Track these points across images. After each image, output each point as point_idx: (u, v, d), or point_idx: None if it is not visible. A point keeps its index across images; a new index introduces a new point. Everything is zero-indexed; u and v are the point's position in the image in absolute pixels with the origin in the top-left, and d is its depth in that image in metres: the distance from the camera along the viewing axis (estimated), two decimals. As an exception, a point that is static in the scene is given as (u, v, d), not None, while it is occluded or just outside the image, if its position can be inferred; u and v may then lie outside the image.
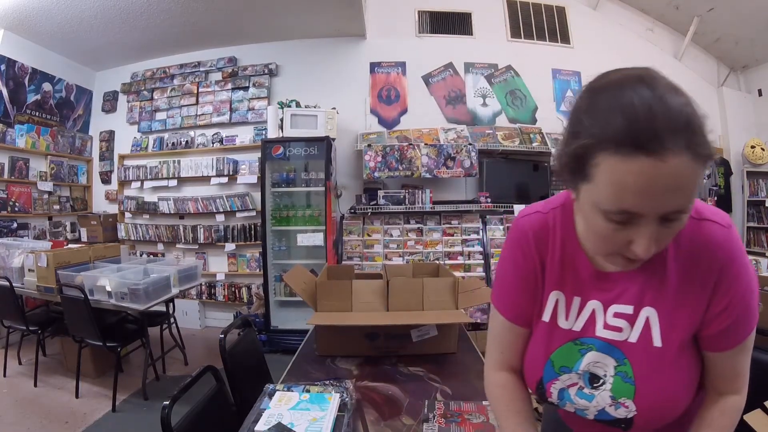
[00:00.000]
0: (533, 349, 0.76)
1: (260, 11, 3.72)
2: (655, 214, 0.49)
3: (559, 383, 0.72)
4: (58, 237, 4.11)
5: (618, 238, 0.53)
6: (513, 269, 0.75)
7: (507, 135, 3.97)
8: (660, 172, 0.45)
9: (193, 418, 1.07)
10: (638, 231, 0.51)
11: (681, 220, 0.51)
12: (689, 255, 0.61)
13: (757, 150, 4.38)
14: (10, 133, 3.80)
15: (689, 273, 0.62)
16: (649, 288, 0.64)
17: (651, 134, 0.45)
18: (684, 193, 0.48)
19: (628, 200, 0.49)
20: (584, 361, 0.69)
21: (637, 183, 0.47)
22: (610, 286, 0.67)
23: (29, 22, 3.67)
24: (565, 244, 0.70)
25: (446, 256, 3.73)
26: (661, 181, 0.46)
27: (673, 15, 4.30)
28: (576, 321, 0.71)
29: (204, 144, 4.35)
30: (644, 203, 0.48)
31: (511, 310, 0.77)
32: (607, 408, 0.68)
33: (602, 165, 0.49)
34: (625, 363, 0.66)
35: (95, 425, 2.33)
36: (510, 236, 0.77)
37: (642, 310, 0.65)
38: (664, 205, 0.48)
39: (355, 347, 1.46)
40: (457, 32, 4.30)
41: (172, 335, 3.25)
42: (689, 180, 0.47)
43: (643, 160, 0.45)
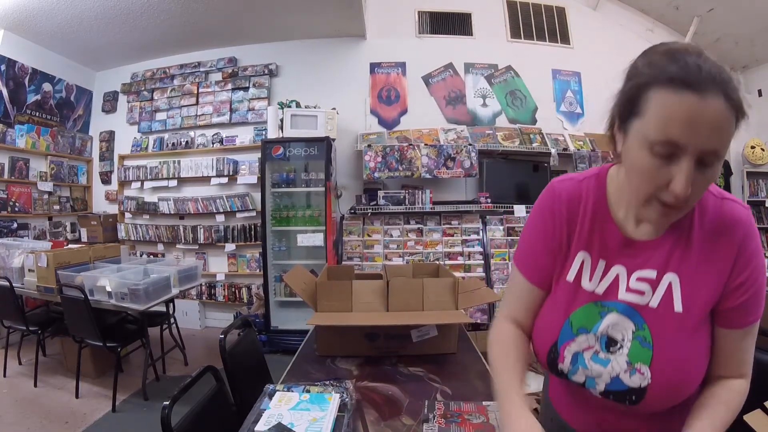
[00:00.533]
0: (551, 309, 0.76)
1: (260, 11, 3.72)
2: (695, 150, 0.54)
3: (575, 346, 0.72)
4: (58, 237, 4.11)
5: (660, 176, 0.57)
6: (541, 230, 0.77)
7: (507, 135, 3.97)
8: (702, 108, 0.53)
9: (193, 418, 1.07)
10: (679, 167, 0.56)
11: (714, 167, 0.56)
12: (713, 227, 0.65)
13: (757, 150, 4.38)
14: (10, 134, 3.80)
15: (712, 244, 0.65)
16: (674, 256, 0.67)
17: (698, 77, 0.53)
18: (720, 135, 0.54)
19: (674, 130, 0.54)
20: (603, 323, 0.70)
21: (683, 115, 0.54)
22: (636, 253, 0.69)
23: (29, 22, 3.67)
24: (596, 211, 0.73)
25: (446, 257, 3.73)
26: (703, 117, 0.53)
27: (673, 15, 4.30)
28: (599, 284, 0.72)
29: (204, 144, 4.35)
30: (688, 134, 0.54)
31: (532, 271, 0.78)
32: (621, 374, 0.67)
33: (654, 98, 0.56)
34: (644, 328, 0.67)
35: (95, 425, 2.33)
36: (541, 198, 0.79)
37: (665, 275, 0.67)
38: (704, 142, 0.54)
39: (355, 347, 1.46)
40: (457, 32, 4.30)
41: (172, 335, 3.25)
42: (724, 123, 0.54)
43: (690, 95, 0.53)
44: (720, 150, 0.55)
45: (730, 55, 4.63)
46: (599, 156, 3.86)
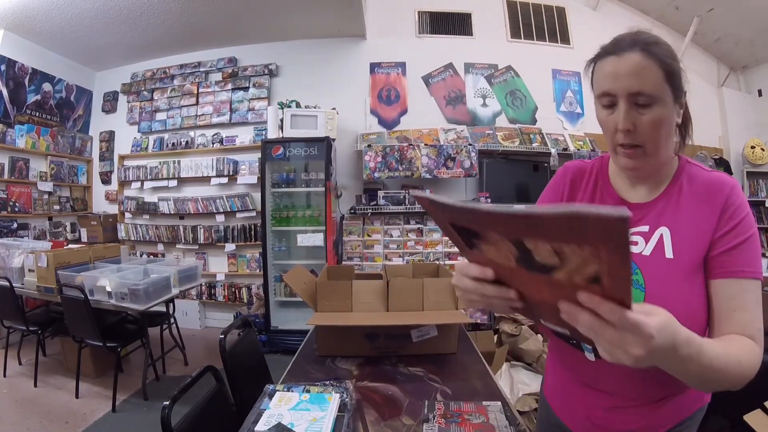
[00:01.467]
0: None
1: (260, 11, 3.72)
2: (623, 93, 0.68)
3: None
4: (58, 237, 4.11)
5: (610, 122, 0.71)
6: (548, 194, 0.92)
7: (507, 135, 3.97)
8: (620, 63, 0.68)
9: (193, 418, 1.07)
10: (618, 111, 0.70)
11: (652, 109, 0.67)
12: (701, 189, 0.74)
13: (757, 150, 4.38)
14: (10, 134, 3.80)
15: (700, 202, 0.73)
16: (665, 213, 0.75)
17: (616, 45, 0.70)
18: (640, 78, 0.67)
19: (604, 83, 0.71)
20: None
21: (607, 71, 0.70)
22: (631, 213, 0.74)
23: (29, 22, 3.67)
24: (597, 181, 0.85)
25: (446, 257, 3.73)
26: (621, 68, 0.68)
27: (673, 15, 4.31)
28: None
29: (204, 144, 4.35)
30: (612, 83, 0.69)
31: None
32: None
33: (595, 70, 0.74)
34: (637, 273, 0.72)
35: (95, 425, 2.33)
36: (554, 175, 0.93)
37: (657, 229, 0.74)
38: (626, 85, 0.67)
39: (355, 347, 1.46)
40: (457, 32, 4.30)
41: (172, 335, 3.25)
42: (641, 68, 0.66)
43: (611, 57, 0.70)
44: (644, 90, 0.66)
45: (730, 55, 4.63)
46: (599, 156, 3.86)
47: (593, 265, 0.38)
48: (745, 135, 4.50)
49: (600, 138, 4.08)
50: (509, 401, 1.12)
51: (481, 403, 1.07)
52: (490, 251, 0.48)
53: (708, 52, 4.64)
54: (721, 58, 4.70)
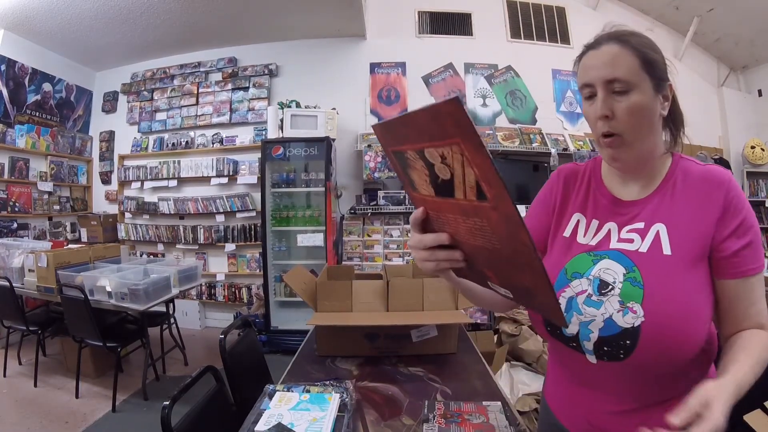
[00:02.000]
0: (548, 261, 0.83)
1: (260, 11, 3.72)
2: (600, 82, 0.70)
3: (569, 291, 0.76)
4: (58, 237, 4.11)
5: (591, 114, 0.73)
6: (541, 197, 0.91)
7: (507, 135, 3.97)
8: (596, 54, 0.72)
9: (193, 418, 1.07)
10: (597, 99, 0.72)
11: (629, 96, 0.69)
12: (697, 183, 0.73)
13: (757, 150, 4.38)
14: (10, 134, 3.80)
15: (697, 195, 0.72)
16: (660, 209, 0.74)
17: (595, 41, 0.74)
18: (613, 65, 0.69)
19: (583, 76, 0.74)
20: (596, 268, 0.75)
21: (585, 64, 0.74)
22: (625, 211, 0.77)
23: (29, 22, 3.67)
24: (591, 180, 0.85)
25: (446, 257, 3.72)
26: (597, 59, 0.71)
27: (673, 15, 4.31)
28: (593, 238, 0.79)
29: (204, 144, 4.35)
30: (590, 74, 0.72)
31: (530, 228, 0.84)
32: (614, 315, 0.69)
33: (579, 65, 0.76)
34: (634, 270, 0.71)
35: (95, 425, 2.33)
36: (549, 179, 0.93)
37: (653, 225, 0.73)
38: (601, 74, 0.70)
39: (355, 347, 1.46)
40: (457, 32, 4.30)
41: (172, 335, 3.25)
42: (616, 56, 0.69)
43: (590, 52, 0.74)
44: (618, 76, 0.68)
45: (730, 56, 4.63)
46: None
47: (469, 170, 0.43)
48: (745, 135, 4.50)
49: (600, 138, 4.07)
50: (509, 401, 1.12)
51: (481, 403, 1.07)
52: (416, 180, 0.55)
53: (708, 52, 4.65)
54: (721, 58, 4.70)
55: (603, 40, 0.72)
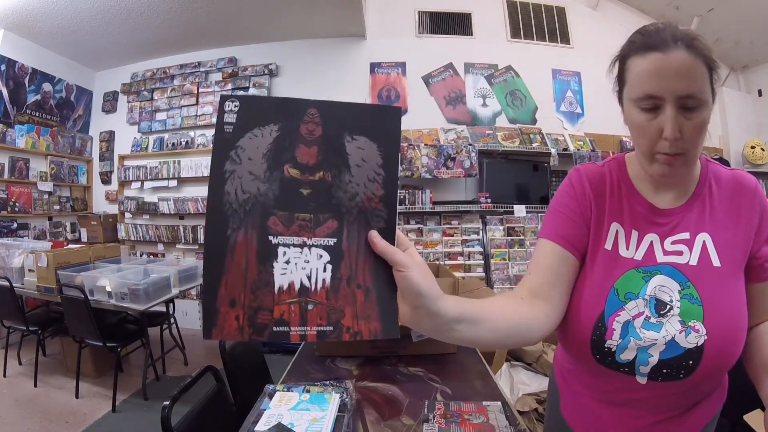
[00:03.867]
0: (594, 280, 0.73)
1: (260, 11, 3.72)
2: (672, 96, 0.62)
3: (624, 314, 0.69)
4: (58, 237, 4.11)
5: (651, 128, 0.65)
6: (571, 201, 0.78)
7: (507, 135, 3.97)
8: (665, 61, 0.62)
9: (193, 418, 1.07)
10: (665, 116, 0.63)
11: (700, 112, 0.63)
12: (730, 190, 0.72)
13: (757, 150, 4.38)
14: (10, 134, 3.80)
15: (733, 204, 0.71)
16: (700, 218, 0.71)
17: (658, 39, 0.63)
18: (689, 79, 0.61)
19: (648, 85, 0.63)
20: (650, 286, 0.70)
21: (651, 70, 0.63)
22: (665, 221, 0.73)
23: (29, 22, 3.66)
24: (621, 186, 0.77)
25: (446, 257, 3.73)
26: (667, 67, 0.62)
27: (673, 15, 4.30)
28: (636, 251, 0.73)
29: (204, 144, 4.35)
30: (659, 85, 0.62)
31: (558, 232, 0.76)
32: (677, 336, 0.66)
33: (631, 66, 0.67)
34: (688, 285, 0.68)
35: (95, 425, 2.33)
36: (568, 178, 0.82)
37: (698, 235, 0.70)
38: (675, 87, 0.61)
39: (355, 347, 1.46)
40: (457, 32, 4.30)
41: (172, 335, 3.25)
42: (690, 68, 0.61)
43: (654, 54, 0.63)
44: (694, 92, 0.61)
45: (730, 55, 4.63)
46: (599, 156, 3.86)
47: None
48: (745, 135, 4.50)
49: (600, 138, 4.08)
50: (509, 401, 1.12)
51: (481, 403, 1.07)
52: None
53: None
54: (721, 58, 4.69)
55: (669, 40, 0.62)
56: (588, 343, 0.70)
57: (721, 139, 4.56)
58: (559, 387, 0.89)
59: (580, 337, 0.71)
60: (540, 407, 1.94)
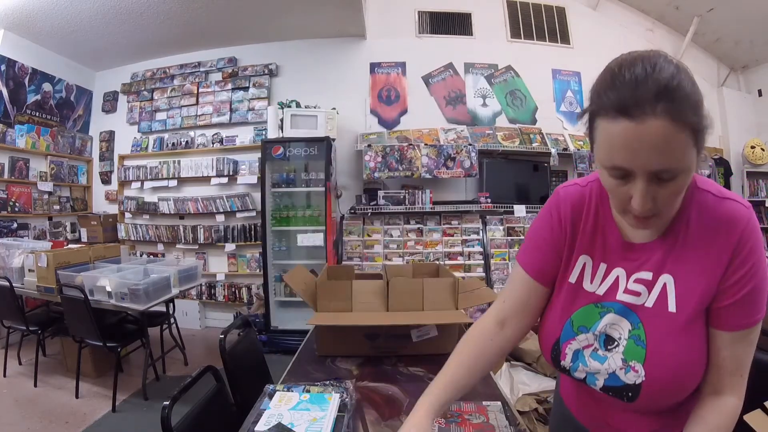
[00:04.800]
0: (555, 308, 0.79)
1: (260, 11, 3.72)
2: (644, 171, 0.55)
3: (575, 344, 0.75)
4: (58, 237, 4.11)
5: (621, 194, 0.60)
6: (547, 231, 0.80)
7: (507, 135, 3.97)
8: (639, 133, 0.53)
9: (193, 418, 1.07)
10: (634, 187, 0.58)
11: (676, 180, 0.56)
12: (710, 226, 0.65)
13: (757, 150, 4.38)
14: (10, 133, 3.80)
15: (709, 243, 0.65)
16: (669, 257, 0.68)
17: (633, 101, 0.53)
18: (667, 154, 0.54)
19: (617, 157, 0.57)
20: (602, 323, 0.72)
21: (620, 142, 0.55)
22: (635, 256, 0.71)
23: (29, 22, 3.67)
24: (598, 214, 0.76)
25: (446, 257, 3.73)
26: (641, 141, 0.53)
27: (673, 15, 4.31)
28: (600, 285, 0.74)
29: (204, 144, 4.35)
30: (629, 160, 0.56)
31: (534, 267, 0.81)
32: (617, 371, 0.69)
33: (599, 128, 0.59)
34: (639, 327, 0.69)
35: (95, 425, 2.33)
36: (549, 203, 0.82)
37: (660, 276, 0.68)
38: (649, 163, 0.55)
39: (355, 347, 1.46)
40: (457, 32, 4.30)
41: (172, 335, 3.25)
42: (670, 141, 0.53)
43: (625, 122, 0.54)
44: (670, 167, 0.55)
45: (730, 56, 4.63)
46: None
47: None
48: (745, 135, 4.50)
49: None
50: (509, 401, 1.12)
51: (481, 403, 1.07)
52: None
53: (708, 52, 4.64)
54: (721, 58, 4.70)
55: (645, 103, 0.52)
56: (549, 357, 0.79)
57: (721, 139, 4.56)
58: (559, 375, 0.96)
59: (545, 351, 0.81)
60: (540, 407, 1.94)
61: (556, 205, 0.80)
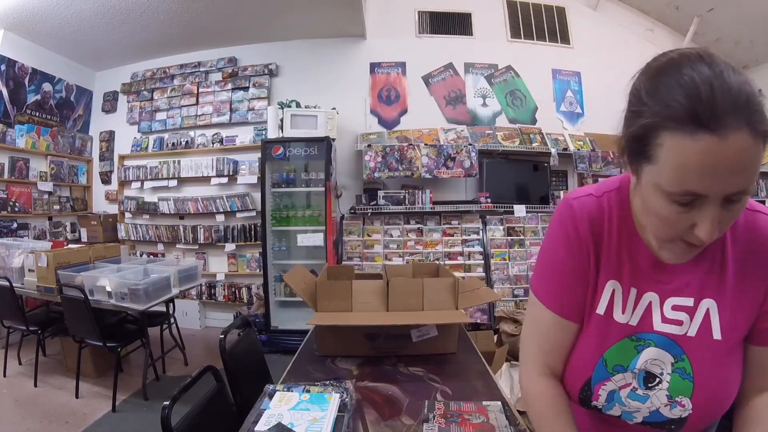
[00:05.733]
0: (584, 346, 0.69)
1: (260, 11, 3.72)
2: (719, 195, 0.49)
3: (611, 384, 0.67)
4: (58, 237, 4.11)
5: (681, 222, 0.53)
6: (569, 259, 0.68)
7: (507, 135, 3.97)
8: (722, 150, 0.45)
9: (193, 418, 1.07)
10: (702, 213, 0.50)
11: (742, 201, 0.51)
12: (746, 246, 0.61)
13: (757, 150, 4.38)
14: (10, 133, 3.80)
15: (747, 264, 0.61)
16: (709, 280, 0.62)
17: (712, 112, 0.45)
18: (747, 173, 0.47)
19: (692, 180, 0.48)
20: (641, 359, 0.65)
21: (700, 162, 0.47)
22: (668, 278, 0.64)
23: (29, 22, 3.67)
24: (622, 231, 0.66)
25: (446, 257, 3.73)
26: (724, 160, 0.46)
27: (673, 15, 4.30)
28: (632, 314, 0.66)
29: (204, 144, 4.35)
30: (708, 183, 0.48)
31: (561, 303, 0.70)
32: (661, 408, 0.64)
33: (666, 145, 0.49)
34: (683, 359, 0.63)
35: (95, 425, 2.33)
36: (561, 218, 0.69)
37: (702, 302, 0.62)
38: (728, 185, 0.48)
39: (355, 347, 1.46)
40: (457, 32, 4.30)
41: (172, 335, 3.25)
42: (751, 158, 0.47)
43: (706, 138, 0.46)
44: (746, 187, 0.49)
45: (730, 56, 4.62)
46: (599, 156, 3.86)
47: None
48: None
49: (600, 138, 4.07)
50: (509, 401, 1.12)
51: (481, 403, 1.06)
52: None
53: (709, 52, 4.64)
54: (721, 58, 4.69)
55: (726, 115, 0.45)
56: (577, 398, 0.71)
57: (721, 139, 4.56)
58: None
59: (570, 390, 0.72)
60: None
61: (572, 221, 0.68)
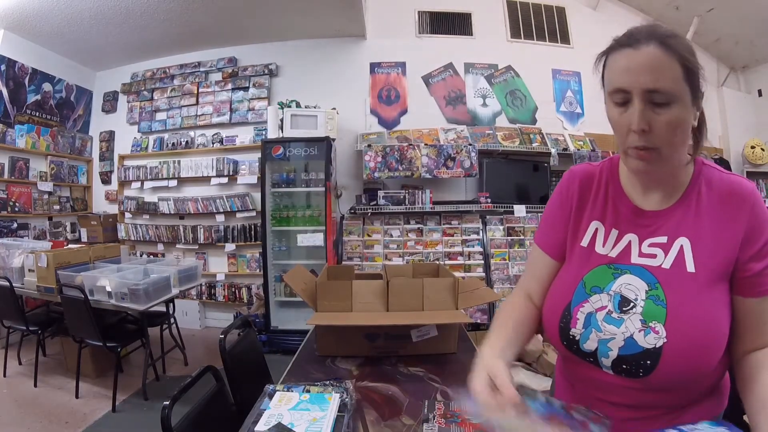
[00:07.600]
0: (566, 273, 0.81)
1: (260, 11, 3.72)
2: (639, 90, 0.63)
3: (588, 306, 0.73)
4: (58, 237, 4.11)
5: (623, 121, 0.67)
6: (557, 208, 0.86)
7: (507, 135, 3.97)
8: (636, 56, 0.64)
9: (193, 418, 1.07)
10: (632, 109, 0.65)
11: (670, 109, 0.63)
12: (720, 196, 0.70)
13: (757, 150, 4.38)
14: (10, 134, 3.80)
15: (722, 210, 0.69)
16: (684, 222, 0.71)
17: (632, 37, 0.65)
18: (656, 74, 0.62)
19: (618, 78, 0.66)
20: (617, 282, 0.72)
21: (623, 65, 0.65)
22: (647, 222, 0.74)
23: (29, 22, 3.67)
24: (609, 186, 0.80)
25: (446, 257, 3.73)
26: (636, 62, 0.63)
27: (673, 15, 4.30)
28: (612, 249, 0.76)
29: (204, 144, 4.35)
30: (628, 79, 0.64)
31: (547, 242, 0.86)
32: (635, 334, 0.68)
33: (608, 65, 0.69)
34: (657, 287, 0.69)
35: (95, 425, 2.33)
36: (561, 180, 0.88)
37: (676, 240, 0.70)
38: (642, 81, 0.63)
39: (355, 347, 1.46)
40: (457, 32, 4.30)
41: (172, 335, 3.25)
42: (659, 64, 0.62)
43: (626, 50, 0.65)
44: (661, 87, 0.62)
45: (730, 56, 4.63)
46: (599, 156, 3.86)
47: None
48: (745, 135, 4.50)
49: (600, 138, 4.08)
50: (509, 401, 1.12)
51: (481, 403, 1.06)
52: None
53: (708, 52, 4.64)
54: (721, 58, 4.70)
55: (642, 37, 0.64)
56: (557, 329, 0.77)
57: (721, 139, 4.56)
58: (556, 376, 0.97)
59: (551, 323, 0.79)
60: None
61: (568, 179, 0.85)
